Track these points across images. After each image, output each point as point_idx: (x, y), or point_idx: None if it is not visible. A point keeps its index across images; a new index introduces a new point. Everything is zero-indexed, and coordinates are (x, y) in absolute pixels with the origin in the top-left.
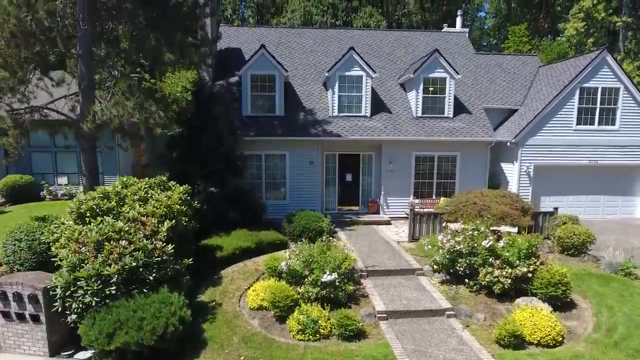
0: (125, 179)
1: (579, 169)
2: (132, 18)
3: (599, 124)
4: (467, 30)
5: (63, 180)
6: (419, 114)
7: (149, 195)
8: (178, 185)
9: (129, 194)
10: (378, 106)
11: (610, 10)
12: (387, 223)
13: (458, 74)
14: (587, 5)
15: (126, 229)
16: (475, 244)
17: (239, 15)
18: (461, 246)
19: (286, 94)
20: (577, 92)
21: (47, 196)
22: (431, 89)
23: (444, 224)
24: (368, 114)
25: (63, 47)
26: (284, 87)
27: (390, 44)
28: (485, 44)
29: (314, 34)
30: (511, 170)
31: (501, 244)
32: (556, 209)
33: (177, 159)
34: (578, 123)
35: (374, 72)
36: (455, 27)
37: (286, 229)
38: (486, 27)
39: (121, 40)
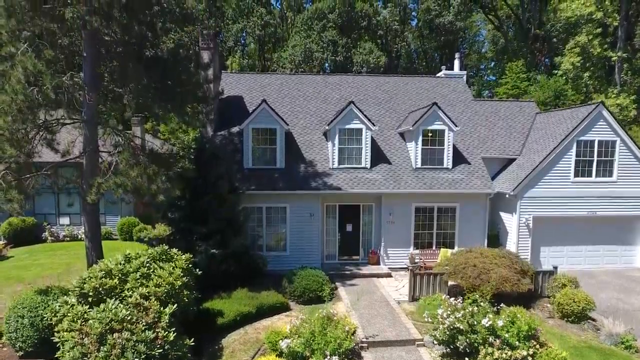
0: (128, 252)
1: (578, 220)
2: (136, 85)
3: (597, 175)
4: (464, 73)
5: (65, 220)
6: (419, 165)
7: (151, 271)
8: (180, 254)
9: (131, 270)
10: (378, 157)
11: (606, 46)
12: (388, 276)
13: (456, 126)
14: (583, 40)
15: (128, 317)
16: (475, 322)
17: (240, 48)
18: (461, 325)
19: (287, 144)
20: (574, 145)
21: (49, 237)
22: (430, 140)
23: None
24: (368, 166)
25: (68, 117)
26: (285, 137)
27: (390, 90)
28: (483, 66)
29: (315, 80)
30: (510, 221)
31: (501, 323)
32: (555, 267)
33: (179, 219)
34: (576, 175)
35: (374, 125)
36: (453, 69)
37: (287, 288)
38: (483, 50)
39: (126, 110)
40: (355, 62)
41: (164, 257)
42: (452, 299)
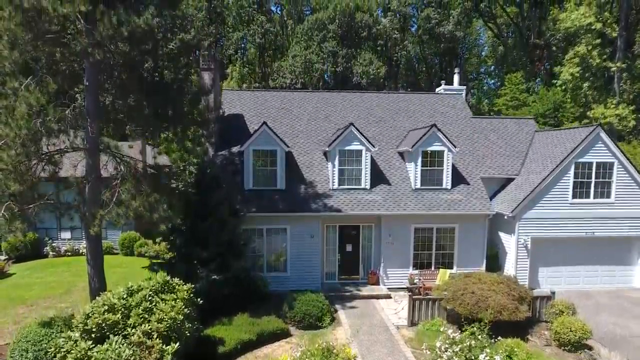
0: (130, 284)
1: (576, 240)
2: (138, 113)
3: (595, 197)
4: (464, 88)
5: (66, 235)
6: (418, 186)
7: (154, 305)
8: (182, 284)
9: (133, 304)
10: (378, 177)
11: (605, 56)
12: (387, 297)
13: (455, 147)
14: (582, 51)
15: (131, 358)
16: (473, 356)
17: (240, 56)
18: None
19: (287, 164)
20: (572, 167)
21: (51, 252)
22: (430, 161)
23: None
24: (368, 186)
25: (70, 147)
26: (285, 157)
27: (390, 107)
28: (483, 69)
29: (315, 97)
30: (509, 242)
31: (498, 359)
32: (553, 292)
33: (180, 245)
34: (574, 197)
35: (373, 146)
36: (452, 83)
37: (287, 313)
38: (483, 53)
39: (128, 135)
40: (355, 73)
41: (166, 287)
42: (450, 330)
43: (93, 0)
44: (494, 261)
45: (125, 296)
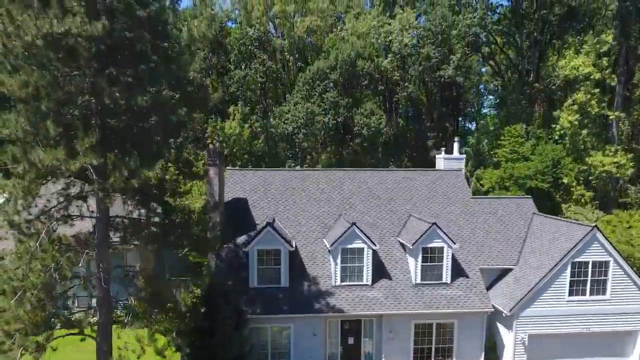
0: None
1: (573, 335)
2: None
3: (591, 294)
4: (463, 157)
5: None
6: (418, 281)
7: None
8: None
9: None
10: (379, 272)
11: (604, 104)
12: None
13: (455, 243)
14: (581, 99)
15: None
16: None
17: (242, 97)
18: None
19: (291, 257)
20: (569, 266)
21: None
22: (430, 257)
23: None
24: (369, 282)
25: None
26: (289, 253)
27: (390, 187)
28: (484, 104)
29: (317, 177)
30: (507, 336)
31: None
32: None
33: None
34: (570, 294)
35: (375, 244)
36: (452, 152)
37: None
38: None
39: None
40: (356, 123)
41: None
42: None
43: (104, 152)
44: (492, 352)
45: None
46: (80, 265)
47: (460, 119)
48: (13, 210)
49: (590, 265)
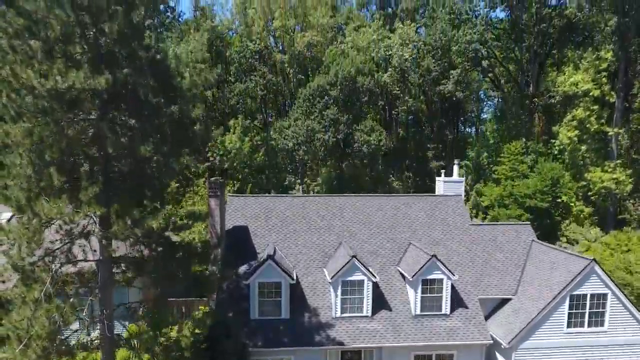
0: None
1: None
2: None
3: (589, 326)
4: (462, 180)
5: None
6: (418, 312)
7: None
8: None
9: None
10: (379, 303)
11: (602, 120)
12: None
13: (454, 274)
14: (580, 115)
15: None
16: None
17: (242, 109)
18: None
19: (291, 289)
20: (567, 299)
21: None
22: (429, 288)
23: None
24: (369, 314)
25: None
26: (290, 284)
27: (390, 213)
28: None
29: (317, 203)
30: None
31: None
32: None
33: None
34: (568, 326)
35: (375, 276)
36: (452, 174)
37: None
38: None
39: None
40: (356, 140)
41: None
42: None
43: (107, 200)
44: None
45: None
46: (84, 311)
47: (459, 124)
48: (17, 257)
49: (588, 298)
